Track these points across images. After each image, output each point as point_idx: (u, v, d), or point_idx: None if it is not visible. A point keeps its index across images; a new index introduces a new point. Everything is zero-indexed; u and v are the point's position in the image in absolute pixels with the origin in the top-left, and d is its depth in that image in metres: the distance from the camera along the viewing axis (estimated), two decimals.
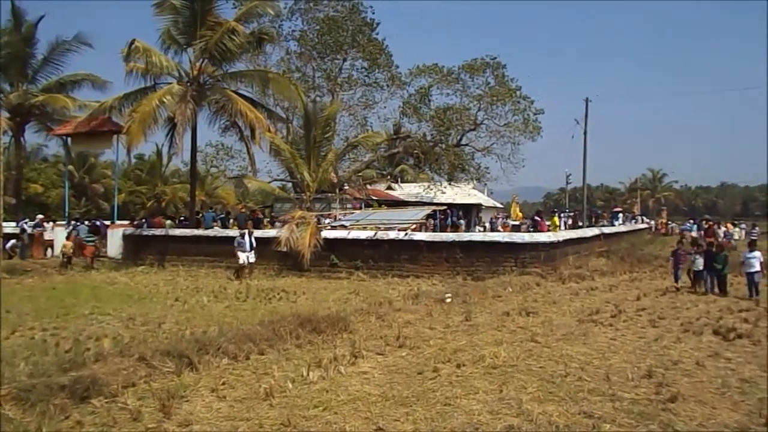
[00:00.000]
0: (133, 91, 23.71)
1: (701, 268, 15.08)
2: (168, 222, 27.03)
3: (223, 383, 6.90)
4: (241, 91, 24.83)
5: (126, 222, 29.59)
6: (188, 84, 23.44)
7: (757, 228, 31.71)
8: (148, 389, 6.62)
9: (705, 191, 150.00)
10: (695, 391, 6.69)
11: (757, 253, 14.32)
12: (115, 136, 26.30)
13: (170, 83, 23.55)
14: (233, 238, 19.84)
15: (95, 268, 21.30)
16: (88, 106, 26.57)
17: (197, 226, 24.81)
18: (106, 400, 6.22)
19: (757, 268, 14.08)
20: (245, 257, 18.78)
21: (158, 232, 23.89)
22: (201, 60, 23.74)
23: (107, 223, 27.92)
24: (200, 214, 27.78)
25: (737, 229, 31.05)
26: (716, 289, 14.77)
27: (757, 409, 6.13)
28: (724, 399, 6.49)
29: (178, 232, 23.81)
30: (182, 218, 30.80)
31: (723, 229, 30.88)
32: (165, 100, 22.21)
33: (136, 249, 23.72)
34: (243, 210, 29.19)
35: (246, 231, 19.40)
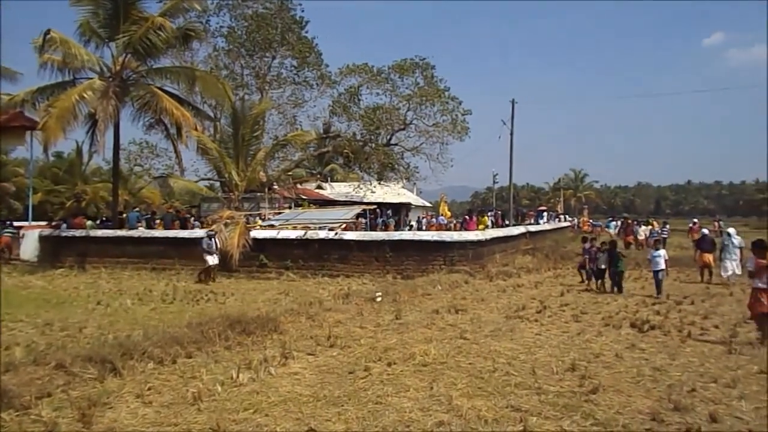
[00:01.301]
0: (49, 84, 22.64)
1: (604, 266, 15.15)
2: (89, 223, 25.92)
3: (149, 388, 6.69)
4: (166, 88, 24.10)
5: (43, 223, 28.13)
6: (110, 79, 22.55)
7: (667, 226, 33.28)
8: (65, 398, 6.31)
9: (623, 190, 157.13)
10: (614, 382, 7.02)
11: (662, 252, 14.47)
12: (28, 132, 24.98)
13: (91, 78, 22.60)
14: (159, 239, 19.28)
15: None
16: None
17: (120, 227, 23.93)
18: (17, 413, 5.86)
19: (662, 266, 14.23)
20: (214, 259, 17.96)
21: (78, 233, 22.88)
22: (124, 55, 22.88)
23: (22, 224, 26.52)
24: (123, 215, 26.80)
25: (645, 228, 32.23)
26: (616, 288, 14.86)
27: (666, 395, 6.52)
28: (639, 387, 6.86)
29: (100, 233, 22.90)
30: (104, 219, 29.63)
31: (645, 227, 31.87)
32: (85, 95, 21.29)
33: (54, 251, 22.65)
34: (170, 210, 28.37)
35: (214, 231, 18.67)
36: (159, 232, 22.28)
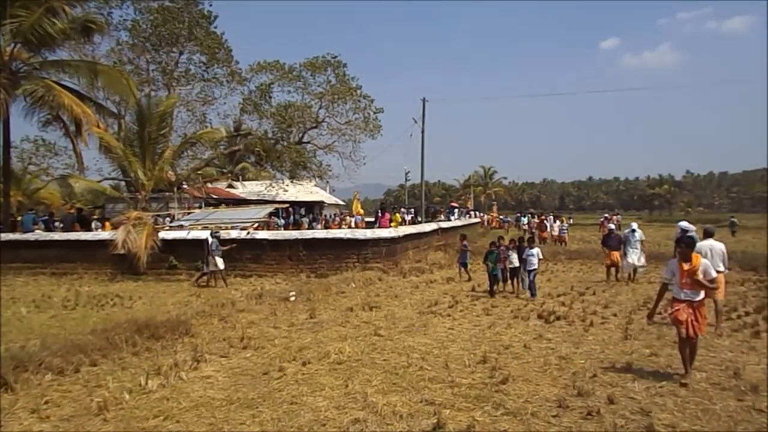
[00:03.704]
0: None
1: (516, 264, 13.90)
2: None
3: (46, 402, 6.31)
4: (64, 82, 22.83)
5: None
6: None
7: (571, 220, 34.80)
8: None
9: (530, 187, 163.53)
10: (523, 372, 7.30)
11: (535, 250, 13.72)
12: None
13: None
14: (59, 241, 18.20)
15: None
16: None
17: (13, 230, 22.43)
18: None
19: (535, 265, 13.54)
20: (222, 262, 16.74)
21: None
22: (13, 44, 21.40)
23: None
24: (19, 217, 25.15)
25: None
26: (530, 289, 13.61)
27: (571, 381, 6.86)
28: (546, 376, 7.17)
29: None
30: None
31: (557, 223, 32.81)
32: None
33: None
34: (70, 211, 26.90)
35: (218, 231, 17.67)
36: (59, 235, 21.07)
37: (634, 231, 15.85)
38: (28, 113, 23.13)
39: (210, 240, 16.75)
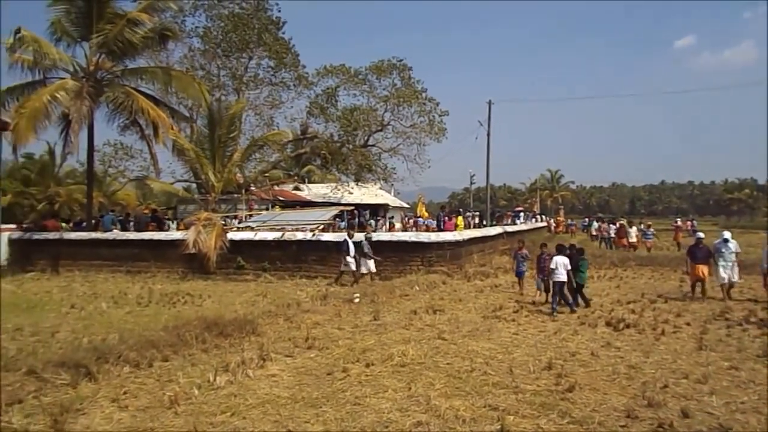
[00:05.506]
0: (18, 84, 22.23)
1: (563, 278, 12.18)
2: (63, 225, 25.55)
3: (125, 392, 6.61)
4: (141, 89, 23.86)
5: (12, 226, 27.64)
6: (84, 79, 22.23)
7: (651, 227, 31.93)
8: (37, 405, 6.20)
9: (598, 191, 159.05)
10: (590, 380, 7.10)
11: (560, 259, 12.41)
12: None
13: (62, 78, 22.26)
14: (134, 241, 18.98)
15: None
16: None
17: (95, 229, 23.60)
18: None
19: (563, 277, 12.17)
20: (372, 264, 16.92)
21: (51, 235, 22.51)
22: (98, 54, 22.59)
23: None
24: (102, 216, 26.44)
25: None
26: (580, 301, 12.60)
27: (640, 391, 6.62)
28: (614, 385, 6.95)
29: (73, 235, 22.57)
30: (78, 221, 29.20)
31: (633, 228, 29.26)
32: (58, 95, 21.01)
33: (25, 254, 22.26)
34: (145, 211, 28.07)
35: (371, 234, 18.09)
36: (134, 235, 21.99)
37: (727, 241, 13.81)
38: (110, 118, 24.35)
39: (363, 242, 16.93)
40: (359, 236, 17.77)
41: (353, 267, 16.80)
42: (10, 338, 9.93)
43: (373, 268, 16.89)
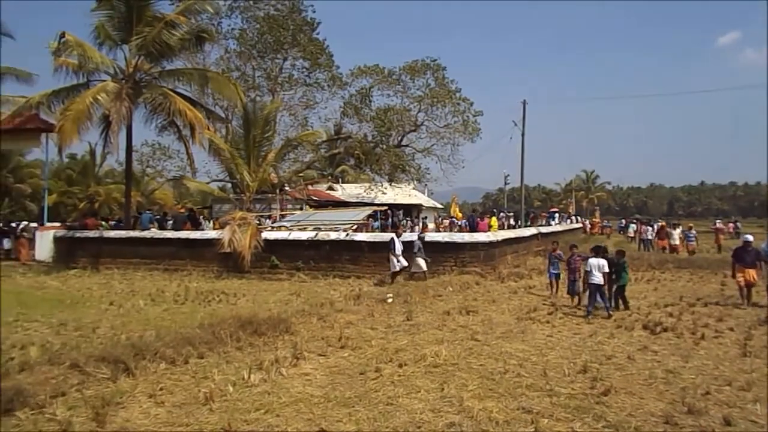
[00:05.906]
0: (64, 87, 22.83)
1: (600, 281, 11.88)
2: (103, 223, 26.17)
3: (161, 388, 6.73)
4: (178, 90, 24.28)
5: (57, 224, 28.41)
6: (123, 81, 22.74)
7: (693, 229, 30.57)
8: (80, 397, 6.36)
9: (635, 191, 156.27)
10: (626, 384, 6.98)
11: (597, 261, 12.13)
12: (43, 134, 25.25)
13: (104, 80, 22.78)
14: (171, 239, 19.32)
15: None
16: (12, 101, 25.33)
17: (133, 228, 24.11)
18: (32, 412, 5.91)
19: (599, 279, 11.89)
20: (424, 263, 16.85)
21: (92, 233, 23.09)
22: (137, 57, 23.09)
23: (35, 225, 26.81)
24: (140, 215, 26.99)
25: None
26: (619, 305, 12.42)
27: (680, 397, 6.47)
28: (651, 389, 6.81)
29: (113, 233, 23.08)
30: (117, 220, 29.89)
31: (677, 230, 27.72)
32: (99, 97, 21.48)
33: (69, 252, 22.87)
34: (181, 211, 28.56)
35: (424, 235, 18.21)
36: (171, 233, 22.38)
37: None
38: (148, 119, 24.84)
39: (415, 242, 17.00)
40: (410, 236, 17.82)
41: (397, 267, 16.77)
42: (55, 333, 10.22)
43: (424, 267, 16.80)
